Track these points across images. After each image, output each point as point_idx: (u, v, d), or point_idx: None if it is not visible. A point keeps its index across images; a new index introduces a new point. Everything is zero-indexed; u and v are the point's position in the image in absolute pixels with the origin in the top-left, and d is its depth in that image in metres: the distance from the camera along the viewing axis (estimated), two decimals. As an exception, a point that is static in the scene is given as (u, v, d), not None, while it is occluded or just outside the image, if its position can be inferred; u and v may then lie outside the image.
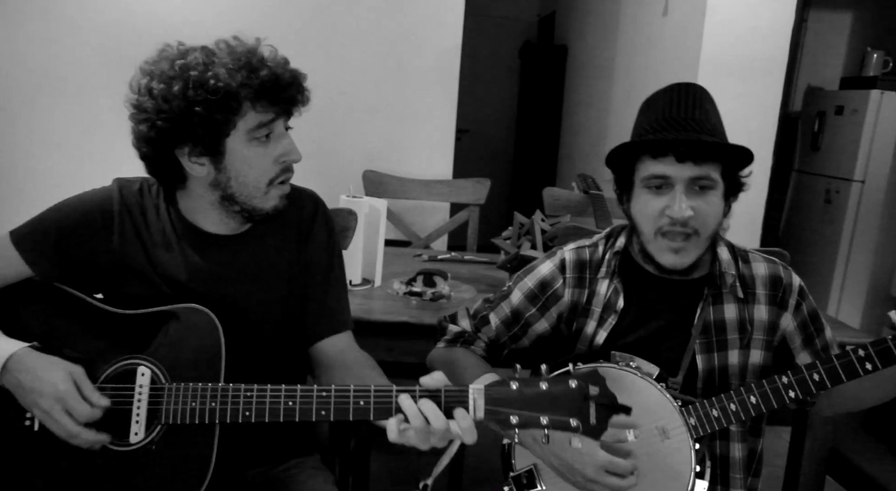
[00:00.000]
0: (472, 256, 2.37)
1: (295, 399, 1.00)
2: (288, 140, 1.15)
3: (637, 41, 3.51)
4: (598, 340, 1.26)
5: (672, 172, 1.15)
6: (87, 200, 1.19)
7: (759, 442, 1.28)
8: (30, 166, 2.70)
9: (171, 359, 1.10)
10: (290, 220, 1.26)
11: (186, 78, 1.05)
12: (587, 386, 0.94)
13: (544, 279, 1.31)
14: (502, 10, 5.83)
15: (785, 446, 1.75)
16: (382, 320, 1.64)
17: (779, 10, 2.72)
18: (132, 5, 2.63)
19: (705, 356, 1.23)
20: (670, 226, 1.17)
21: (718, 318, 1.24)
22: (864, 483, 1.70)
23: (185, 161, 1.11)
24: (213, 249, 1.20)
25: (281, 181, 1.15)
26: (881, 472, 1.69)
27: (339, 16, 2.75)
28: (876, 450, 1.80)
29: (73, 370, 1.05)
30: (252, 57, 1.10)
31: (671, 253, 1.18)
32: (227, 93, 1.05)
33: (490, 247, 2.20)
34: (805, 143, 4.14)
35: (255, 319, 1.21)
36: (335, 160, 2.79)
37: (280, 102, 1.11)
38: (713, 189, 1.17)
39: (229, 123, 1.08)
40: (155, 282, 1.18)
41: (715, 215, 1.18)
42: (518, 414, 0.94)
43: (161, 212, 1.21)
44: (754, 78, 2.73)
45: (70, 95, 2.68)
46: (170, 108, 1.06)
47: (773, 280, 1.26)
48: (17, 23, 2.61)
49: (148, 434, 1.07)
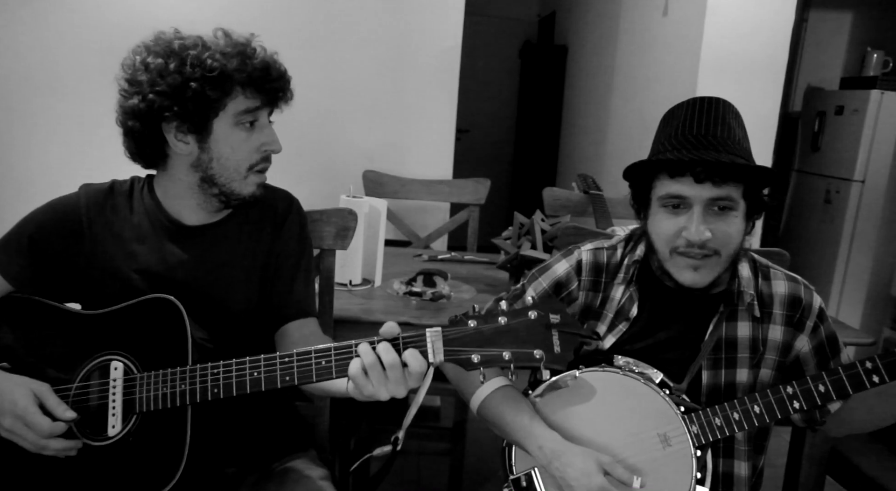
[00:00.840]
0: (472, 256, 2.37)
1: (259, 369, 1.01)
2: (270, 130, 1.21)
3: (637, 41, 3.51)
4: (606, 345, 1.24)
5: (690, 193, 1.11)
6: (54, 207, 1.23)
7: (761, 459, 1.27)
8: (29, 166, 2.70)
9: (143, 350, 1.12)
10: (265, 214, 1.30)
11: (185, 56, 1.12)
12: (547, 315, 0.92)
13: (560, 280, 1.29)
14: (502, 10, 5.82)
15: (785, 446, 1.75)
16: (382, 320, 1.62)
17: (779, 10, 2.72)
18: (132, 5, 2.63)
19: (712, 372, 1.21)
20: (687, 247, 1.13)
21: (731, 335, 1.21)
22: (864, 483, 1.70)
23: (171, 137, 1.15)
24: (189, 239, 1.23)
25: (259, 169, 1.20)
26: (881, 472, 1.69)
27: (338, 16, 2.75)
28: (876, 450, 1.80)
29: (36, 388, 1.08)
30: (246, 47, 1.17)
31: (690, 270, 1.15)
32: (223, 73, 1.11)
33: (490, 247, 2.20)
34: (805, 143, 4.14)
35: (232, 307, 1.24)
36: (335, 160, 2.79)
37: (268, 92, 1.17)
38: (734, 210, 1.12)
39: (220, 103, 1.13)
40: (131, 278, 1.20)
41: (736, 236, 1.14)
42: (479, 352, 0.93)
43: (136, 206, 1.24)
44: (754, 78, 2.73)
45: (69, 95, 2.68)
46: (164, 82, 1.11)
47: (791, 300, 1.22)
48: (17, 23, 2.60)
49: (125, 426, 1.09)
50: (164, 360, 1.09)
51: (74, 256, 1.20)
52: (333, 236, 1.54)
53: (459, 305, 1.78)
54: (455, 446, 2.11)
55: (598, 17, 4.25)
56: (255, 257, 1.27)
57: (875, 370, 1.07)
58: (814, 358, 1.22)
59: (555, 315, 0.92)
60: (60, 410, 1.07)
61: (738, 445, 1.22)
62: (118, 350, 1.13)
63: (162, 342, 1.11)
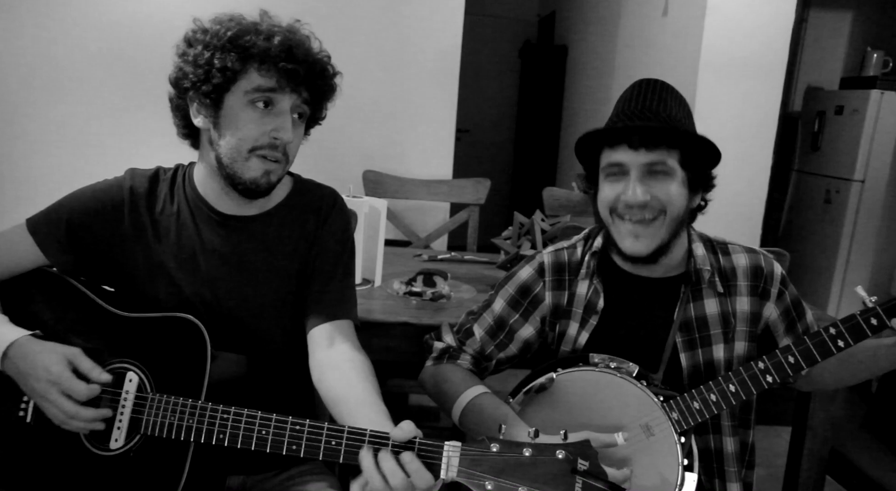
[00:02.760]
0: (472, 256, 2.37)
1: (269, 429, 0.98)
2: (285, 118, 1.14)
3: (637, 41, 3.51)
4: (581, 341, 1.26)
5: (626, 159, 1.16)
6: (98, 189, 1.23)
7: (749, 434, 1.29)
8: (29, 165, 2.70)
9: (159, 367, 1.10)
10: (307, 212, 1.27)
11: (214, 30, 1.13)
12: (576, 459, 0.84)
13: (524, 284, 1.31)
14: (502, 10, 5.83)
15: (785, 446, 1.75)
16: (382, 320, 1.64)
17: (779, 10, 2.72)
18: (132, 5, 2.63)
19: (689, 353, 1.23)
20: (625, 209, 1.17)
21: (699, 314, 1.24)
22: (864, 483, 1.70)
23: (193, 109, 1.16)
24: (227, 229, 1.22)
25: (263, 154, 1.14)
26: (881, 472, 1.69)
27: (338, 16, 2.75)
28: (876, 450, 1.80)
29: (69, 352, 1.07)
30: (276, 27, 1.15)
31: (631, 238, 1.18)
32: (235, 44, 1.11)
33: (490, 247, 2.20)
34: (805, 143, 4.14)
35: (264, 301, 1.22)
36: (335, 160, 2.79)
37: (287, 74, 1.12)
38: (670, 176, 1.16)
39: (232, 76, 1.11)
40: (166, 268, 1.19)
41: (676, 199, 1.17)
42: (495, 481, 0.85)
43: (176, 193, 1.23)
44: (754, 78, 2.73)
45: (70, 94, 2.68)
46: (192, 52, 1.13)
47: (754, 271, 1.26)
48: (17, 22, 2.61)
49: (127, 442, 1.08)
50: (178, 385, 1.07)
51: (113, 238, 1.20)
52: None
53: (459, 305, 1.78)
54: (455, 446, 2.11)
55: (598, 17, 4.25)
56: (294, 255, 1.24)
57: (839, 335, 1.10)
58: (782, 323, 1.27)
59: (584, 461, 0.84)
60: (96, 372, 1.06)
61: (723, 421, 1.24)
62: (137, 360, 1.11)
63: (180, 366, 1.09)
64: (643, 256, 1.19)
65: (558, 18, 5.37)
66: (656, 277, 1.25)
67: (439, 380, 1.29)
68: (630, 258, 1.21)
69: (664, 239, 1.19)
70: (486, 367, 1.35)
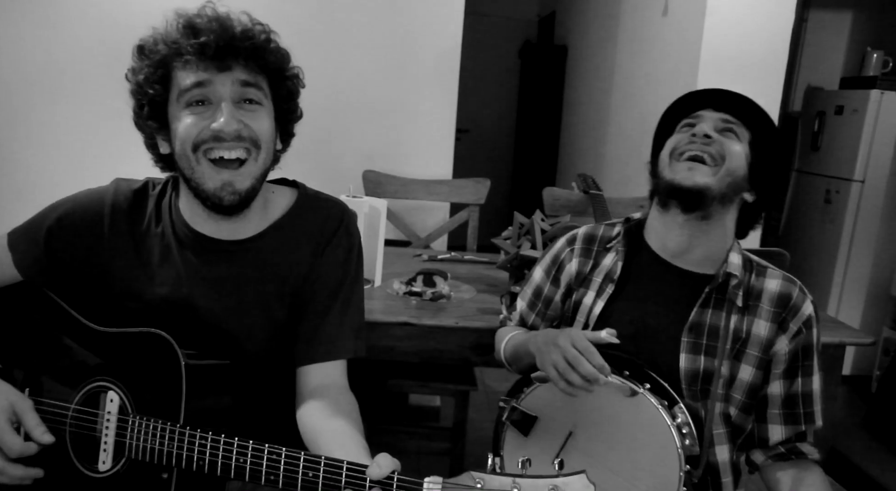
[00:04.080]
0: (472, 256, 2.37)
1: (246, 458, 0.93)
2: (218, 107, 1.02)
3: (637, 41, 3.51)
4: (595, 311, 1.27)
5: (706, 114, 1.24)
6: (79, 203, 1.15)
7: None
8: (29, 166, 2.70)
9: (138, 385, 1.06)
10: (307, 231, 1.16)
11: (133, 53, 1.07)
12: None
13: (556, 253, 1.40)
14: (502, 10, 5.82)
15: (785, 446, 1.75)
16: (382, 320, 1.64)
17: (779, 10, 2.72)
18: (132, 6, 2.63)
19: (690, 356, 1.20)
20: (689, 144, 1.21)
21: (714, 322, 1.21)
22: (864, 483, 1.70)
23: (157, 136, 1.10)
24: (214, 256, 1.13)
25: (207, 152, 1.03)
26: (881, 472, 1.69)
27: (338, 16, 2.75)
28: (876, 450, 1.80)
29: (18, 404, 1.02)
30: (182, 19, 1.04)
31: (685, 170, 1.20)
32: (148, 54, 1.04)
33: (490, 247, 2.19)
34: (805, 143, 4.14)
35: (252, 335, 1.15)
36: (335, 160, 2.79)
37: (198, 53, 0.99)
38: (739, 139, 1.22)
39: (157, 87, 1.03)
40: (144, 292, 1.13)
41: (738, 160, 1.20)
42: None
43: (163, 215, 1.15)
44: (754, 78, 2.73)
45: (69, 95, 2.68)
46: (130, 89, 1.08)
47: (781, 298, 1.21)
48: (17, 22, 2.61)
49: (115, 464, 1.05)
50: (157, 405, 1.03)
51: (90, 255, 1.13)
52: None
53: (459, 305, 1.78)
54: (455, 446, 2.11)
55: (598, 17, 4.25)
56: (287, 281, 1.14)
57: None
58: (784, 363, 1.21)
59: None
60: (38, 432, 1.01)
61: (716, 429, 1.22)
62: (116, 378, 1.07)
63: (157, 385, 1.04)
64: (687, 186, 1.18)
65: (558, 18, 5.37)
66: (685, 268, 1.25)
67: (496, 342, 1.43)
68: (670, 188, 1.21)
69: (711, 185, 1.18)
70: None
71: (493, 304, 1.78)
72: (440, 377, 2.12)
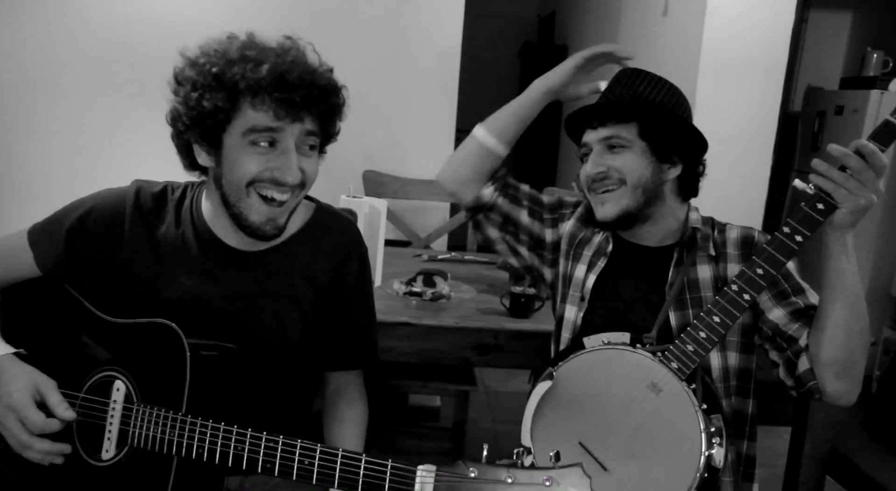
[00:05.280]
0: (472, 256, 2.37)
1: (244, 446, 0.96)
2: (287, 158, 1.05)
3: (637, 41, 3.51)
4: (589, 285, 1.33)
5: (588, 139, 1.31)
6: (99, 202, 1.16)
7: (743, 444, 1.27)
8: (29, 165, 2.70)
9: (144, 374, 1.08)
10: (326, 245, 1.21)
11: (200, 63, 1.04)
12: (565, 489, 0.76)
13: (564, 201, 1.47)
14: (502, 10, 5.82)
15: (785, 446, 1.75)
16: (382, 320, 1.64)
17: (779, 10, 2.72)
18: (132, 6, 2.63)
19: (679, 313, 1.26)
20: (591, 183, 1.29)
21: (692, 277, 1.27)
22: (864, 483, 1.70)
23: (195, 146, 1.09)
24: (233, 264, 1.16)
25: (263, 192, 1.06)
26: (881, 472, 1.69)
27: (338, 16, 2.75)
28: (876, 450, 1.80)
29: (41, 382, 1.05)
30: (266, 52, 1.04)
31: (599, 205, 1.29)
32: (220, 81, 1.01)
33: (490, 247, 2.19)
34: (805, 144, 4.14)
35: (270, 341, 1.18)
36: (335, 160, 2.77)
37: (281, 104, 1.01)
38: (628, 147, 1.25)
39: (224, 116, 1.02)
40: (160, 293, 1.14)
41: (635, 168, 1.25)
42: None
43: (183, 220, 1.17)
44: (754, 78, 2.73)
45: (70, 94, 2.68)
46: (182, 91, 1.05)
47: (744, 240, 1.28)
48: (17, 23, 2.60)
49: (118, 452, 1.07)
50: (161, 394, 1.04)
51: (109, 255, 1.15)
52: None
53: (459, 305, 1.78)
54: (455, 446, 2.11)
55: (598, 17, 4.25)
56: (301, 293, 1.18)
57: (794, 231, 1.10)
58: (769, 291, 1.23)
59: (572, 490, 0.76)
60: (61, 408, 1.04)
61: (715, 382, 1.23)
62: (124, 368, 1.09)
63: (162, 374, 1.05)
64: (609, 221, 1.28)
65: (558, 18, 5.37)
66: (651, 245, 1.32)
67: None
68: (601, 224, 1.30)
69: (628, 206, 1.26)
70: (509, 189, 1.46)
71: (493, 304, 1.78)
72: (440, 377, 2.12)
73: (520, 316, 1.71)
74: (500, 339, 1.67)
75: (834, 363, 1.13)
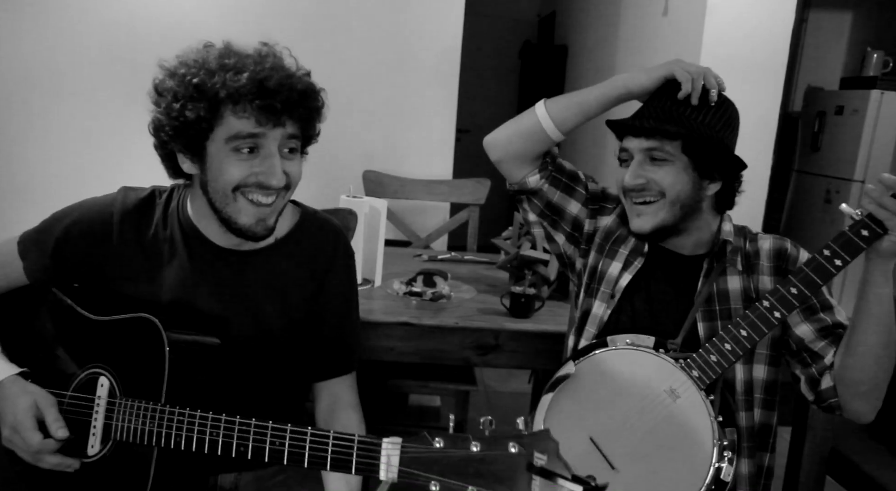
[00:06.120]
0: (472, 256, 2.37)
1: (219, 431, 0.97)
2: (271, 163, 1.07)
3: (637, 41, 3.51)
4: (622, 283, 1.31)
5: (631, 145, 1.27)
6: (86, 210, 1.18)
7: (766, 457, 1.27)
8: (29, 165, 2.70)
9: (125, 369, 1.10)
10: (313, 249, 1.23)
11: (179, 74, 1.06)
12: (531, 453, 0.74)
13: (609, 194, 1.43)
14: (502, 10, 5.82)
15: (785, 446, 1.75)
16: (382, 320, 1.64)
17: (779, 10, 2.72)
18: (132, 6, 2.63)
19: (707, 324, 1.24)
20: (629, 192, 1.27)
21: (722, 288, 1.26)
22: (864, 483, 1.70)
23: (179, 155, 1.11)
24: (220, 262, 1.18)
25: (249, 195, 1.08)
26: (881, 472, 1.69)
27: (338, 16, 2.75)
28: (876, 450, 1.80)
29: (41, 401, 1.08)
30: (245, 59, 1.06)
31: (635, 216, 1.27)
32: (201, 91, 1.03)
33: (490, 247, 2.20)
34: (805, 143, 4.14)
35: (252, 339, 1.18)
36: (335, 160, 2.79)
37: (262, 110, 1.03)
38: (670, 161, 1.23)
39: (207, 125, 1.04)
40: (150, 295, 1.16)
41: (675, 182, 1.23)
42: (439, 481, 0.77)
43: (170, 221, 1.18)
44: (754, 78, 2.73)
45: (70, 95, 2.68)
46: (163, 102, 1.07)
47: (777, 252, 1.27)
48: (17, 23, 2.61)
49: (102, 448, 1.08)
50: (141, 386, 1.06)
51: (97, 263, 1.17)
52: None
53: (459, 305, 1.78)
54: (455, 446, 2.11)
55: (598, 17, 4.25)
56: (288, 296, 1.20)
57: (834, 255, 1.09)
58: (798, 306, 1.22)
59: (541, 455, 0.74)
60: (55, 427, 1.06)
61: (738, 394, 1.23)
62: (107, 364, 1.11)
63: (142, 366, 1.07)
64: (645, 232, 1.26)
65: (558, 18, 5.37)
66: (684, 253, 1.30)
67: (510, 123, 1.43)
68: (635, 235, 1.29)
69: (665, 220, 1.25)
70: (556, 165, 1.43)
71: (494, 304, 1.78)
72: (440, 377, 2.12)
73: (520, 316, 1.71)
74: (500, 339, 1.67)
75: (859, 385, 1.14)
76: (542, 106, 1.39)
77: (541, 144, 1.39)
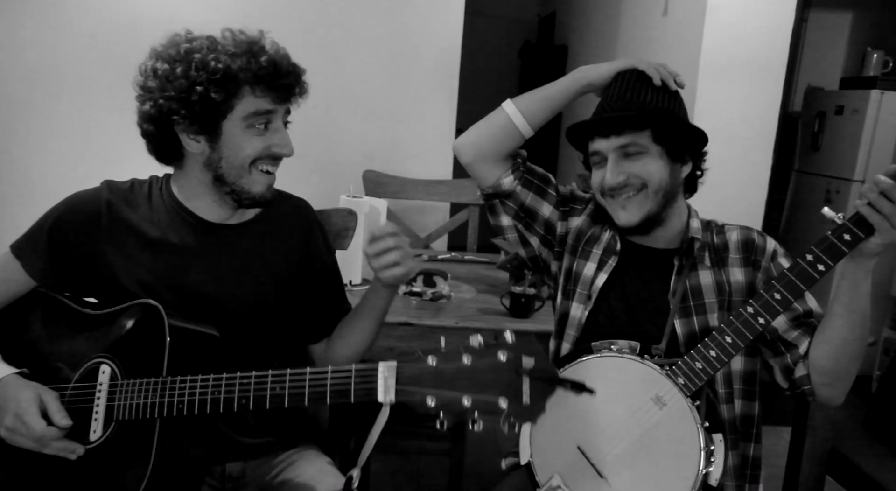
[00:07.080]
0: (472, 256, 2.37)
1: (220, 389, 1.01)
2: (283, 134, 1.19)
3: (637, 41, 3.51)
4: (598, 283, 1.32)
5: (601, 147, 1.28)
6: (74, 201, 1.23)
7: (750, 447, 1.28)
8: (29, 165, 2.70)
9: (127, 354, 1.13)
10: (288, 221, 1.31)
11: (190, 60, 1.12)
12: (519, 357, 0.80)
13: (577, 195, 1.45)
14: (502, 10, 5.83)
15: (785, 446, 1.75)
16: (382, 320, 1.64)
17: (779, 10, 2.72)
18: (132, 6, 2.63)
19: (683, 321, 1.26)
20: (610, 191, 1.27)
21: (694, 283, 1.27)
22: (864, 483, 1.70)
23: (184, 137, 1.16)
24: (208, 235, 1.23)
25: (264, 168, 1.19)
26: (881, 472, 1.69)
27: (339, 16, 2.75)
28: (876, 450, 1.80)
29: (45, 394, 1.11)
30: (254, 45, 1.16)
31: (620, 209, 1.27)
32: (227, 74, 1.11)
33: (490, 247, 2.20)
34: (805, 143, 4.14)
35: (247, 307, 1.24)
36: (335, 160, 2.79)
37: (278, 89, 1.15)
38: (644, 153, 1.25)
39: (227, 105, 1.13)
40: (142, 273, 1.20)
41: (655, 173, 1.24)
42: (435, 394, 0.82)
43: (155, 203, 1.24)
44: (754, 78, 2.73)
45: (68, 95, 2.68)
46: (172, 87, 1.11)
47: (745, 244, 1.29)
48: (17, 22, 2.60)
49: (104, 432, 1.10)
50: (143, 368, 1.09)
51: (92, 249, 1.21)
52: (334, 236, 1.54)
53: (459, 305, 1.78)
54: (455, 446, 2.11)
55: (598, 17, 4.25)
56: (275, 265, 1.28)
57: (817, 259, 1.10)
58: None
59: (528, 358, 0.80)
60: (59, 416, 1.09)
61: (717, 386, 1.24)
62: (109, 353, 1.14)
63: (143, 349, 1.11)
64: (633, 225, 1.27)
65: (558, 18, 5.37)
66: (657, 247, 1.32)
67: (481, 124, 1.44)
68: (625, 229, 1.29)
69: (652, 209, 1.26)
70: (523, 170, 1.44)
71: (493, 304, 1.79)
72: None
73: (520, 316, 1.71)
74: (500, 339, 1.66)
75: (832, 373, 1.18)
76: (511, 104, 1.42)
77: (511, 141, 1.41)
